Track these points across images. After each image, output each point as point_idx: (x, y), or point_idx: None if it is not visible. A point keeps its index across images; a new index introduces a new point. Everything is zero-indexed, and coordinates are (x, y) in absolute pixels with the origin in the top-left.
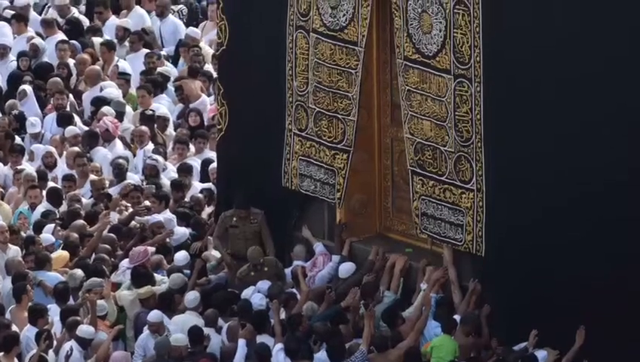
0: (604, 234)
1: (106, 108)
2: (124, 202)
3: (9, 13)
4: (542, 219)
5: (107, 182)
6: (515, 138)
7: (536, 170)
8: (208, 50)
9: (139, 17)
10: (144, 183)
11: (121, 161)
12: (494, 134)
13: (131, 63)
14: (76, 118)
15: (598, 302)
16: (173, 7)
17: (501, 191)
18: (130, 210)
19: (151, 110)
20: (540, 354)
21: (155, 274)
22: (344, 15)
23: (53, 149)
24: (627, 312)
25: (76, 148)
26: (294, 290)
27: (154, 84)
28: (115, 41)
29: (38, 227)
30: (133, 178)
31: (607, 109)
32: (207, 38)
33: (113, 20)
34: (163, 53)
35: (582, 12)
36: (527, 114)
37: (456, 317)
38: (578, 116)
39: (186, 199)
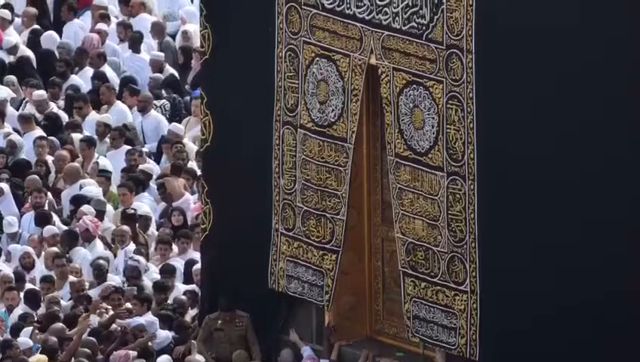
0: (603, 340)
1: (85, 207)
2: (104, 304)
3: None
4: (539, 322)
5: (87, 284)
6: (511, 239)
7: (533, 273)
8: (192, 147)
9: (120, 113)
10: (125, 285)
11: (101, 261)
12: (489, 234)
13: (112, 160)
14: (55, 217)
15: None
16: (155, 102)
17: (496, 293)
18: (111, 312)
19: (132, 209)
20: None
21: None
22: (333, 110)
23: (31, 250)
24: None
25: (55, 249)
26: None
27: (135, 181)
28: (96, 137)
29: (16, 330)
30: (114, 279)
31: (605, 211)
32: (190, 134)
33: (93, 116)
34: (145, 149)
35: (578, 107)
36: (523, 213)
37: None
38: (576, 220)
39: (169, 301)
